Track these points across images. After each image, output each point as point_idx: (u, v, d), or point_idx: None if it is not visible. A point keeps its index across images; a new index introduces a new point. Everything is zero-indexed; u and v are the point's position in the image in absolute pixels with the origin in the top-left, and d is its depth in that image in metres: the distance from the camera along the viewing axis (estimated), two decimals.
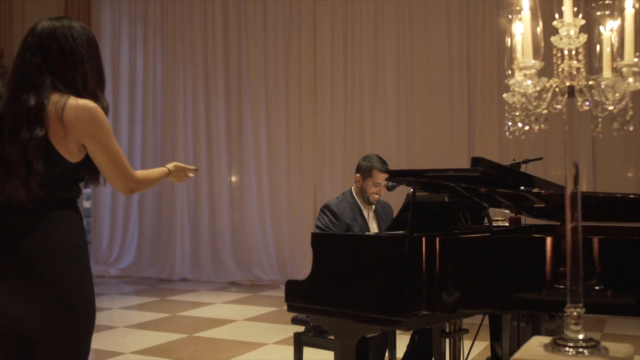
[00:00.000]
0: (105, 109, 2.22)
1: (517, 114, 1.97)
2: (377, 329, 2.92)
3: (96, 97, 2.22)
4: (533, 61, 1.98)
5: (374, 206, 4.07)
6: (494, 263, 2.74)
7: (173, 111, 9.65)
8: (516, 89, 1.99)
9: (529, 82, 1.97)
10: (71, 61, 2.19)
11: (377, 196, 4.00)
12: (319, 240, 3.13)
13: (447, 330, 3.58)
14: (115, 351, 5.21)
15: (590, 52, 2.11)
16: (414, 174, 2.88)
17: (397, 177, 3.04)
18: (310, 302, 3.15)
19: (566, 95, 2.07)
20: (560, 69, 2.05)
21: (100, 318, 6.58)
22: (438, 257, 2.71)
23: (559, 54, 2.06)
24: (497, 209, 3.95)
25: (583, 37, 2.04)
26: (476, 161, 2.57)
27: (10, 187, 2.05)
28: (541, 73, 2.07)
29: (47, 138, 2.06)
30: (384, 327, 2.88)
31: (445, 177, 2.77)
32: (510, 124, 2.03)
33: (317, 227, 3.97)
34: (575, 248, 2.02)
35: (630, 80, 2.00)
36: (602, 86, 2.05)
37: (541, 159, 4.19)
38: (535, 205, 3.55)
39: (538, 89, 1.98)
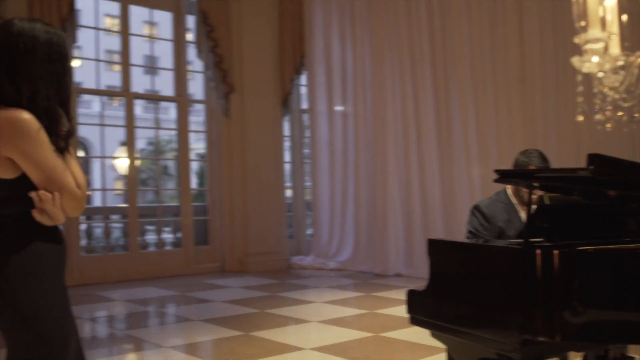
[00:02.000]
0: (69, 132, 2.15)
1: (579, 100, 1.55)
2: (492, 352, 2.56)
3: (52, 115, 2.11)
4: (601, 33, 1.54)
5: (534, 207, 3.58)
6: (633, 284, 2.26)
7: (383, 106, 9.60)
8: (584, 69, 1.56)
9: (595, 59, 1.54)
10: (17, 75, 2.09)
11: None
12: (433, 247, 2.84)
13: (612, 357, 3.06)
14: (295, 346, 5.27)
15: None
16: (522, 176, 2.47)
17: (504, 178, 2.63)
18: (427, 315, 2.87)
19: None
20: None
21: (298, 312, 6.78)
22: (557, 275, 2.29)
23: None
24: None
25: None
26: (591, 159, 2.12)
27: None
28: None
29: None
30: (497, 351, 2.52)
31: (554, 178, 2.33)
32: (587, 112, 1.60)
33: (468, 230, 3.62)
34: None
35: None
36: None
37: None
38: None
39: (608, 67, 1.54)
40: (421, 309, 2.90)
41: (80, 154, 29.99)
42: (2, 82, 2.08)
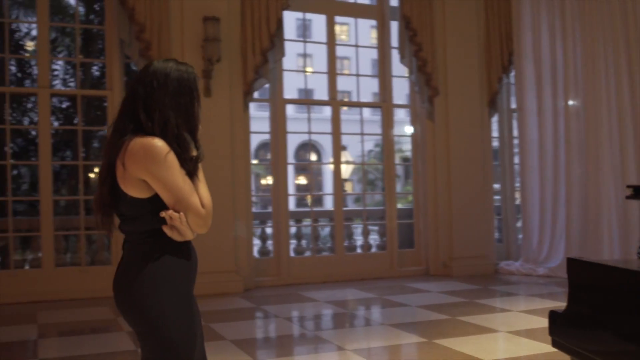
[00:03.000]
0: (197, 157, 2.39)
1: None
2: None
3: (181, 142, 2.35)
4: None
5: None
6: None
7: (596, 103, 8.96)
8: None
9: None
10: (151, 107, 2.35)
11: None
12: (572, 266, 2.65)
13: None
14: (474, 356, 5.14)
15: None
16: None
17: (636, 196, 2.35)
18: (567, 339, 2.69)
19: None
20: None
21: (490, 320, 6.59)
22: None
23: None
24: None
25: None
26: None
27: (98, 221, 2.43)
28: None
29: (115, 181, 2.35)
30: None
31: None
32: None
33: (638, 247, 3.30)
34: None
35: None
36: None
37: None
38: None
39: None
40: (560, 332, 2.73)
41: (313, 158, 31.63)
42: (139, 114, 2.37)
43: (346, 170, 19.93)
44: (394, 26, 9.99)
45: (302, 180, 35.44)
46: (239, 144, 8.74)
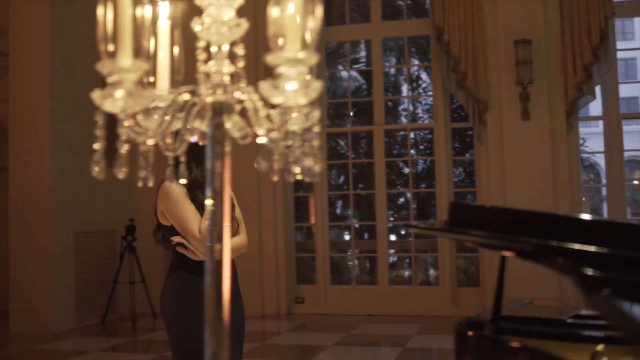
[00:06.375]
0: (194, 181, 2.90)
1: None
2: None
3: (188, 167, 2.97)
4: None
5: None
6: None
7: None
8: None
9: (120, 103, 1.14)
10: None
11: None
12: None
13: None
14: None
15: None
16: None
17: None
18: None
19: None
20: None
21: None
22: None
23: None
24: None
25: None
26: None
27: None
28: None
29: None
30: None
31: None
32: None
33: None
34: None
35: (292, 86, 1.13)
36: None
37: None
38: None
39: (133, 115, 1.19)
40: None
41: None
42: None
43: None
44: None
45: None
46: (561, 165, 8.45)
